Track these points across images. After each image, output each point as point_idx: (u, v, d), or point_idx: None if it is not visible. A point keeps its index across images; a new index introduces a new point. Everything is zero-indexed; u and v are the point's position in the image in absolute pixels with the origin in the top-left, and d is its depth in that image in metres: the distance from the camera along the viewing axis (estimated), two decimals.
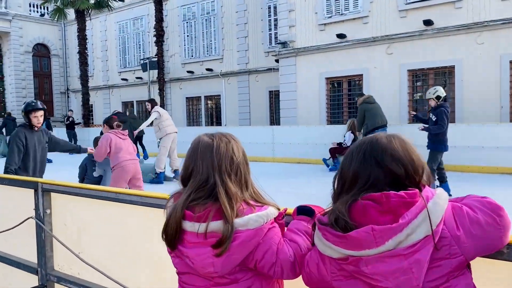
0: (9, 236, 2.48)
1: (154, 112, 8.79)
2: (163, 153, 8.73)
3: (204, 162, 1.45)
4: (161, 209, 1.50)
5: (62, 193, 2.22)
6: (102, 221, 2.10)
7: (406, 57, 12.25)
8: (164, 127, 8.74)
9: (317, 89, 13.93)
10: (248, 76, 18.95)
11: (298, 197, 6.82)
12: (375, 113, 8.89)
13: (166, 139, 8.77)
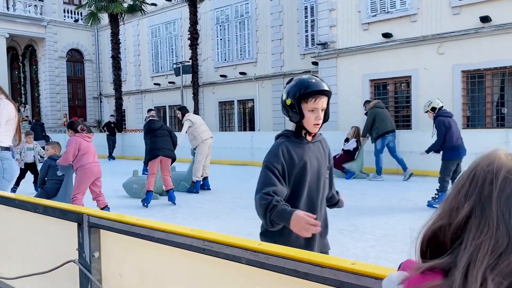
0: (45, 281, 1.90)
1: (186, 120, 8.23)
2: (199, 161, 8.18)
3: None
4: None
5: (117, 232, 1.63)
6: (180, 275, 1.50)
7: (459, 57, 11.33)
8: (199, 134, 8.17)
9: (360, 92, 13.14)
10: (283, 79, 18.27)
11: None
12: (385, 118, 9.15)
13: (202, 146, 8.21)
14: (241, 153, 13.53)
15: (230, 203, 6.96)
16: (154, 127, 7.17)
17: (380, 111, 9.23)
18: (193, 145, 8.33)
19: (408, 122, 12.41)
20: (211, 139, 8.39)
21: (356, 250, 4.16)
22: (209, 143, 8.32)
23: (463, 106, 11.43)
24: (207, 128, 8.43)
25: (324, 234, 2.15)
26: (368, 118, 9.28)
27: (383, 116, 9.14)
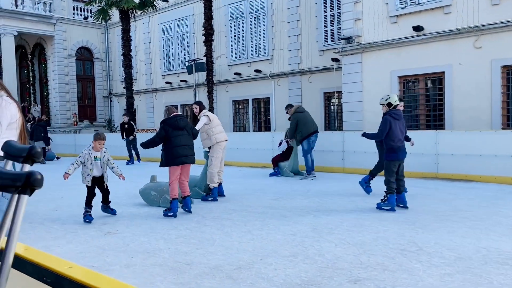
0: None
1: (204, 116, 7.45)
2: (215, 165, 7.41)
3: None
4: None
5: None
6: None
7: (499, 51, 10.45)
8: (214, 134, 7.39)
9: (388, 90, 12.28)
10: (300, 77, 17.51)
11: None
12: (307, 121, 9.76)
13: (216, 148, 7.43)
14: (260, 154, 12.74)
15: (261, 213, 6.19)
16: (179, 125, 6.35)
17: (302, 115, 9.79)
18: (205, 145, 7.56)
19: (441, 122, 11.54)
20: (226, 142, 7.61)
21: (433, 280, 3.38)
22: (223, 146, 7.56)
23: (503, 104, 10.55)
24: (222, 130, 7.65)
25: None
26: (292, 122, 9.85)
27: (305, 120, 9.75)
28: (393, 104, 6.35)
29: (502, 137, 8.67)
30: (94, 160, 5.84)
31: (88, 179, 5.84)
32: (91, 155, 5.83)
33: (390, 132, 6.18)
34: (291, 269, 3.75)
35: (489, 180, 8.61)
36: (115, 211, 6.21)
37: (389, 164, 6.28)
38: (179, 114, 6.52)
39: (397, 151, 6.25)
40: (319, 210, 6.31)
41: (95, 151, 5.87)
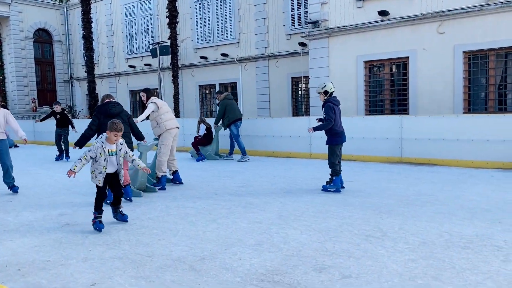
0: None
1: (151, 103, 7.22)
2: (164, 153, 7.19)
3: None
4: None
5: None
6: None
7: (461, 36, 10.63)
8: (163, 121, 7.16)
9: (354, 75, 12.34)
10: (267, 61, 17.36)
11: None
12: (234, 108, 10.65)
13: (166, 136, 7.21)
14: (226, 140, 12.57)
15: (227, 201, 6.08)
16: (111, 112, 6.17)
17: (230, 102, 10.58)
18: (155, 133, 7.35)
19: (405, 107, 11.71)
20: (177, 129, 7.40)
21: (397, 267, 3.37)
22: (174, 133, 7.34)
23: (464, 89, 10.78)
24: (173, 117, 7.42)
25: None
26: (220, 108, 10.58)
27: (233, 106, 10.60)
28: (329, 91, 6.61)
29: (463, 121, 8.86)
30: (109, 155, 4.75)
31: (99, 178, 4.72)
32: (104, 149, 4.71)
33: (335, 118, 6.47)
34: (256, 258, 3.67)
35: (452, 164, 8.81)
36: (127, 217, 5.08)
37: (333, 148, 6.61)
38: (112, 101, 6.33)
39: (340, 135, 6.62)
40: (285, 197, 6.26)
41: (109, 143, 4.76)
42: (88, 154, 4.67)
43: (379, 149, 9.74)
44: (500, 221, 4.62)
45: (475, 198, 5.79)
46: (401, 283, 3.06)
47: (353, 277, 3.21)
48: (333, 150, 6.60)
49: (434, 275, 3.20)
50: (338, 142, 6.60)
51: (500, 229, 4.32)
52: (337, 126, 6.53)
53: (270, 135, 11.59)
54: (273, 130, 11.53)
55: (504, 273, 3.21)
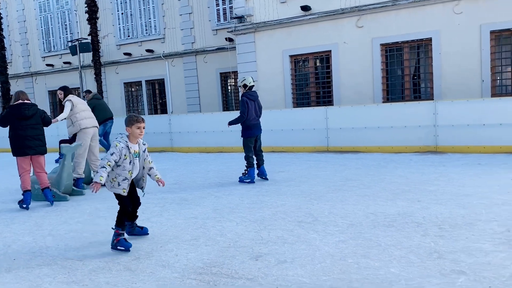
0: None
1: (67, 101, 6.89)
2: (80, 154, 6.85)
3: None
4: None
5: None
6: None
7: (378, 30, 11.29)
8: (78, 120, 6.84)
9: (281, 69, 12.63)
10: (195, 57, 17.20)
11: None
12: (104, 107, 10.56)
13: (81, 135, 6.87)
14: (157, 138, 12.32)
15: (160, 199, 5.97)
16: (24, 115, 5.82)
17: (98, 101, 10.38)
18: (70, 133, 7.03)
19: (330, 98, 12.21)
20: (94, 128, 7.11)
21: (329, 249, 3.54)
22: (91, 133, 7.03)
23: (383, 80, 11.46)
24: (90, 116, 7.11)
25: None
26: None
27: (102, 106, 10.47)
28: (248, 85, 6.83)
29: (383, 110, 9.44)
30: (134, 157, 3.94)
31: (124, 186, 3.87)
32: (130, 149, 3.88)
33: (248, 112, 6.71)
34: (193, 252, 3.66)
35: (374, 150, 9.36)
36: (147, 229, 4.32)
37: (246, 141, 6.84)
38: (25, 102, 5.92)
39: (252, 128, 6.82)
40: (219, 191, 6.28)
41: (132, 142, 3.92)
42: (112, 158, 3.77)
43: (308, 139, 10.08)
44: (419, 200, 5.01)
45: (396, 181, 6.22)
46: (333, 263, 3.23)
47: (288, 262, 3.32)
48: (246, 143, 6.84)
49: (362, 254, 3.40)
50: (250, 135, 6.81)
51: (419, 207, 4.69)
52: (248, 119, 6.73)
53: (202, 131, 11.53)
54: (204, 126, 11.49)
55: (423, 246, 3.49)
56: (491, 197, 4.97)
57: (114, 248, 3.82)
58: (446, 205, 4.70)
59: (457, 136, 8.66)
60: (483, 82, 10.20)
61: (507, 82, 10.27)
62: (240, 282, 2.99)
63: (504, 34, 10.10)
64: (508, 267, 2.97)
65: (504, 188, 5.37)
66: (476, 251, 3.32)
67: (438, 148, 8.87)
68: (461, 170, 6.77)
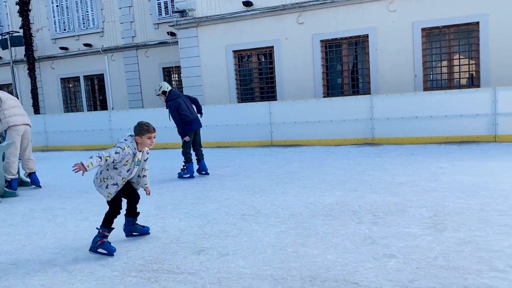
0: None
1: None
2: (11, 153, 6.50)
3: None
4: None
5: None
6: None
7: (318, 26, 11.59)
8: (6, 117, 6.49)
9: (224, 64, 12.62)
10: (136, 51, 16.76)
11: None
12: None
13: (11, 133, 6.52)
14: (97, 135, 11.92)
15: (99, 198, 5.78)
16: None
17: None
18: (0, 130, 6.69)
19: (273, 94, 12.39)
20: (26, 126, 6.75)
21: (270, 239, 3.63)
22: (23, 130, 6.68)
23: (323, 76, 11.80)
24: (21, 113, 6.73)
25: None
26: None
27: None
28: (167, 91, 6.87)
29: (323, 104, 9.74)
30: (135, 165, 3.71)
31: (111, 190, 3.63)
32: (134, 157, 3.65)
33: (180, 109, 6.69)
34: (134, 251, 3.60)
35: (315, 144, 9.64)
36: (148, 228, 4.08)
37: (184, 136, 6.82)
38: None
39: (190, 123, 6.79)
40: (163, 188, 6.21)
41: (138, 150, 3.69)
42: (113, 156, 3.47)
43: (252, 134, 10.19)
44: (356, 189, 5.24)
45: (335, 172, 6.46)
46: (274, 253, 3.31)
47: (230, 254, 3.37)
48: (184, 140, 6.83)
49: (302, 242, 3.52)
50: (188, 130, 6.79)
51: (355, 196, 4.91)
52: (185, 115, 6.72)
53: None
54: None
55: (358, 233, 3.67)
56: (421, 184, 5.30)
57: (93, 251, 3.53)
58: (380, 194, 4.96)
59: (392, 129, 9.12)
60: (416, 77, 10.80)
61: (437, 76, 10.94)
62: (181, 277, 2.99)
63: (434, 31, 10.74)
64: (434, 249, 3.20)
65: (433, 176, 5.75)
66: (406, 235, 3.54)
67: (374, 140, 9.29)
68: (395, 161, 7.15)
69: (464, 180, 5.41)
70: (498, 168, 6.08)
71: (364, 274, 2.83)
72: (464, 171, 5.96)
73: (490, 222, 3.74)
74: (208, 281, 2.90)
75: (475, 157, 7.10)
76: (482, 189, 4.90)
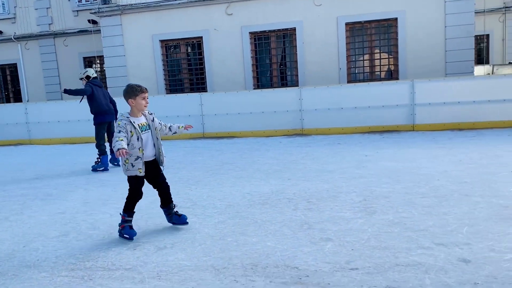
0: None
1: None
2: None
3: None
4: None
5: None
6: None
7: (247, 18, 11.61)
8: None
9: (151, 54, 12.22)
10: (53, 39, 15.70)
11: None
12: None
13: None
14: (11, 129, 11.00)
15: (20, 195, 5.36)
16: None
17: None
18: None
19: (204, 85, 12.24)
20: None
21: (208, 230, 3.58)
22: None
23: (253, 68, 11.87)
24: None
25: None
26: None
27: None
28: (91, 76, 6.97)
29: (254, 96, 9.82)
30: (141, 131, 3.46)
31: (139, 165, 3.45)
32: (134, 124, 3.42)
33: (94, 98, 6.80)
34: (63, 249, 3.38)
35: (247, 135, 9.69)
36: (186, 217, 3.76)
37: (98, 129, 6.94)
38: None
39: (103, 114, 6.91)
40: (89, 183, 5.89)
41: (136, 116, 3.48)
42: (120, 135, 3.33)
43: None
44: (289, 178, 5.35)
45: (268, 162, 6.55)
46: (213, 244, 3.28)
47: (168, 247, 3.28)
48: (98, 130, 6.92)
49: (241, 231, 3.52)
50: (101, 121, 6.89)
51: (289, 184, 5.01)
52: (98, 106, 6.82)
53: (65, 120, 10.62)
54: (68, 115, 10.59)
55: (295, 219, 3.75)
56: (350, 172, 5.55)
57: (120, 236, 3.54)
58: (313, 181, 5.11)
59: (320, 119, 9.44)
60: (340, 70, 11.25)
61: (360, 70, 11.48)
62: (118, 273, 2.85)
63: (357, 26, 11.24)
64: (366, 231, 3.36)
65: (360, 163, 6.04)
66: (340, 219, 3.68)
67: (304, 130, 9.56)
68: (324, 150, 7.41)
69: (388, 166, 5.75)
70: (417, 154, 6.53)
71: (303, 258, 2.90)
72: (388, 158, 6.33)
73: (414, 204, 4.01)
74: (147, 275, 2.80)
75: (396, 145, 7.56)
76: (405, 174, 5.23)
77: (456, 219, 3.51)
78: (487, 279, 2.45)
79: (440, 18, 10.60)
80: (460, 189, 4.40)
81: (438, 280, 2.48)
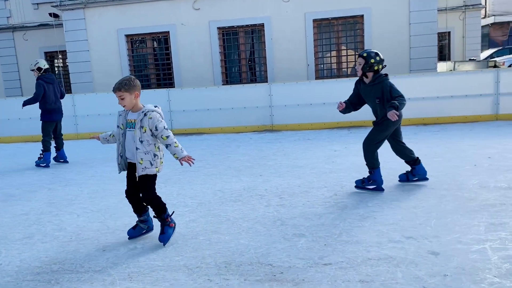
0: None
1: None
2: None
3: None
4: None
5: None
6: None
7: (215, 13, 11.49)
8: None
9: (116, 48, 11.91)
10: (12, 33, 15.08)
11: None
12: None
13: None
14: None
15: None
16: None
17: None
18: None
19: (171, 81, 12.05)
20: None
21: (180, 229, 3.52)
22: None
23: (221, 63, 11.78)
24: None
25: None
26: None
27: None
28: (43, 68, 6.79)
29: (223, 92, 9.74)
30: (127, 128, 3.22)
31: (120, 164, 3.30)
32: (126, 118, 3.24)
33: (45, 95, 6.67)
34: (27, 252, 3.24)
35: (217, 131, 9.62)
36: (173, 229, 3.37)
37: (45, 125, 6.85)
38: None
39: (51, 113, 6.85)
40: (54, 182, 5.69)
41: (133, 110, 3.26)
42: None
43: None
44: (261, 174, 5.34)
45: (239, 158, 6.52)
46: (185, 243, 3.22)
47: (139, 248, 3.20)
48: (45, 127, 6.84)
49: (213, 230, 3.48)
50: (48, 119, 6.82)
51: (261, 181, 5.00)
52: (48, 103, 6.72)
53: (26, 118, 10.19)
54: (29, 112, 10.13)
55: (268, 215, 3.75)
56: (320, 167, 5.59)
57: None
58: (284, 177, 5.12)
59: (289, 115, 9.48)
60: (308, 66, 11.33)
61: (327, 66, 11.60)
62: (87, 276, 2.76)
63: (324, 23, 11.34)
64: (338, 226, 3.39)
65: (329, 159, 6.10)
66: (312, 215, 3.70)
67: (274, 126, 9.57)
68: (294, 146, 7.44)
69: (357, 161, 5.83)
70: (383, 149, 6.66)
71: (277, 255, 2.90)
72: (356, 153, 6.42)
73: (383, 198, 4.09)
74: (118, 277, 2.72)
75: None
76: None
77: (424, 212, 3.60)
78: (456, 271, 2.52)
79: (404, 15, 10.84)
80: (426, 183, 4.51)
81: (409, 273, 2.53)
